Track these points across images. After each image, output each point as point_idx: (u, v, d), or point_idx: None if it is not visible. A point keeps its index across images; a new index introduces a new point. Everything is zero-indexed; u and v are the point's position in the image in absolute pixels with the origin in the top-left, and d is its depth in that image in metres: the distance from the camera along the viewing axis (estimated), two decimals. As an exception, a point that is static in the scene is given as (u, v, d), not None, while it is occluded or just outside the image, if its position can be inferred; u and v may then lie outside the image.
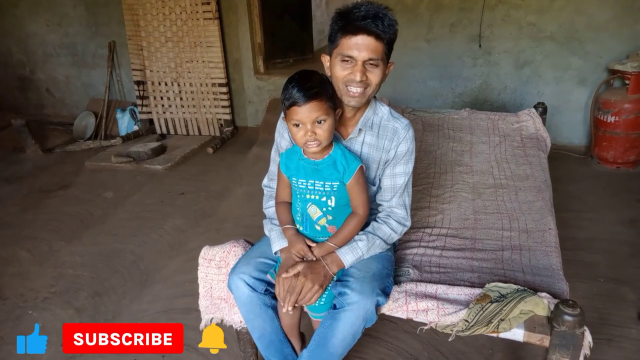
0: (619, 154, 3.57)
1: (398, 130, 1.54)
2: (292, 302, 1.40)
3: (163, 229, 3.11)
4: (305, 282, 1.40)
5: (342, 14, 1.41)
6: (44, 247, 2.95)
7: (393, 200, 1.57)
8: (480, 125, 2.89)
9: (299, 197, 1.51)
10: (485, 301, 1.38)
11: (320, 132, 1.38)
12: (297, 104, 1.35)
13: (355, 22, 1.37)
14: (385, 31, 1.38)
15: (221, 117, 4.76)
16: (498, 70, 4.07)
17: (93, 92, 5.32)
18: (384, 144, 1.55)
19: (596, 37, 3.72)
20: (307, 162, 1.47)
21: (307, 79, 1.37)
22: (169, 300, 2.42)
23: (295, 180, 1.50)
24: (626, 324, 2.11)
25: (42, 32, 5.24)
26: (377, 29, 1.36)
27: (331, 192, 1.46)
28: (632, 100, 3.42)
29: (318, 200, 1.48)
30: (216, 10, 4.40)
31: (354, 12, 1.38)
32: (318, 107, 1.35)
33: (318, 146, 1.40)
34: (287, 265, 1.47)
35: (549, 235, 1.86)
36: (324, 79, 1.43)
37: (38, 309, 2.40)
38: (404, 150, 1.55)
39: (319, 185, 1.46)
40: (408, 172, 1.57)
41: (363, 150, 1.56)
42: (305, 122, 1.36)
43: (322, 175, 1.45)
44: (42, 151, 4.53)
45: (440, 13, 4.03)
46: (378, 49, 1.39)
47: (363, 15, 1.36)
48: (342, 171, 1.43)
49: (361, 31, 1.37)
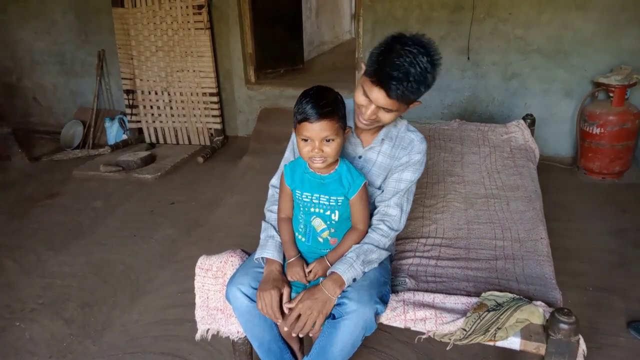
0: (605, 165, 3.65)
1: (414, 141, 1.61)
2: (297, 332, 1.42)
3: (153, 239, 3.08)
4: (304, 309, 1.41)
5: (384, 53, 1.38)
6: (32, 256, 2.90)
7: (391, 200, 1.58)
8: (471, 136, 2.94)
9: (302, 210, 1.52)
10: (482, 310, 1.39)
11: (327, 150, 1.38)
12: (308, 120, 1.35)
13: (380, 76, 1.36)
14: (405, 96, 1.38)
15: (211, 127, 4.74)
16: (486, 83, 4.14)
17: (81, 100, 5.27)
18: (398, 153, 1.60)
19: (582, 51, 3.81)
20: (313, 176, 1.47)
21: (322, 96, 1.37)
22: (160, 311, 2.39)
23: (299, 193, 1.50)
24: (615, 332, 2.15)
25: (30, 39, 5.19)
26: (394, 94, 1.37)
27: (335, 207, 1.47)
28: (616, 113, 3.51)
29: (322, 214, 1.49)
30: (207, 21, 4.41)
31: (387, 65, 1.35)
32: (329, 126, 1.36)
33: (323, 162, 1.41)
34: (268, 280, 1.48)
35: (541, 244, 1.89)
36: (338, 98, 1.42)
37: (25, 320, 2.35)
38: (416, 159, 1.59)
39: (324, 200, 1.47)
40: (413, 180, 1.60)
41: (379, 159, 1.60)
42: (315, 139, 1.37)
43: (327, 190, 1.46)
44: (28, 160, 4.46)
45: (429, 26, 4.10)
46: (394, 104, 1.41)
47: (391, 75, 1.35)
48: (347, 187, 1.45)
49: (381, 87, 1.38)
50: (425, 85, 1.39)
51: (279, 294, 1.45)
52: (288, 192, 1.54)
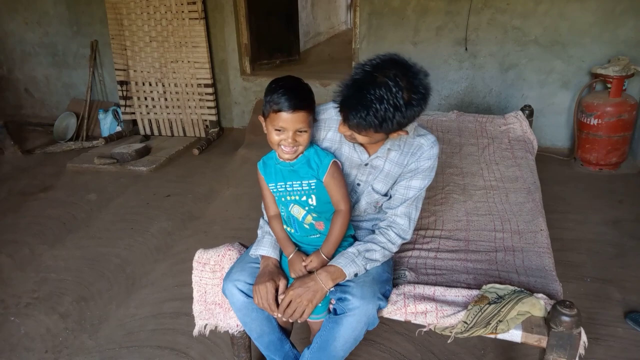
0: (602, 156, 3.64)
1: (423, 147, 1.50)
2: (287, 318, 1.41)
3: (149, 232, 3.05)
4: (294, 296, 1.40)
5: (353, 82, 1.30)
6: (26, 251, 2.87)
7: (399, 209, 1.53)
8: (469, 127, 2.92)
9: (281, 202, 1.52)
10: (484, 302, 1.38)
11: (300, 140, 1.39)
12: (284, 111, 1.34)
13: (343, 109, 1.31)
14: (370, 126, 1.29)
15: (207, 118, 4.70)
16: (483, 74, 4.12)
17: (74, 92, 5.20)
18: (406, 160, 1.52)
19: (579, 41, 3.79)
20: (283, 165, 1.48)
21: (297, 87, 1.38)
22: (157, 305, 2.37)
23: (274, 185, 1.50)
24: (613, 323, 2.15)
25: (20, 30, 5.10)
26: (356, 128, 1.32)
27: (310, 191, 1.46)
28: (614, 104, 3.50)
29: (299, 200, 1.48)
30: (202, 10, 4.35)
31: (351, 99, 1.28)
32: (303, 118, 1.36)
33: (295, 153, 1.41)
34: (263, 273, 1.48)
35: (541, 236, 1.88)
36: (311, 90, 1.42)
37: (20, 315, 2.32)
38: (425, 166, 1.51)
39: (297, 185, 1.46)
40: (423, 187, 1.53)
41: (386, 166, 1.53)
42: (289, 129, 1.37)
43: (298, 175, 1.46)
44: (21, 152, 4.41)
45: (426, 16, 4.07)
46: (368, 132, 1.33)
47: (355, 109, 1.28)
48: (316, 168, 1.44)
49: (345, 121, 1.34)
50: (393, 121, 1.27)
51: (274, 287, 1.44)
52: (269, 189, 1.54)
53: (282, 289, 1.46)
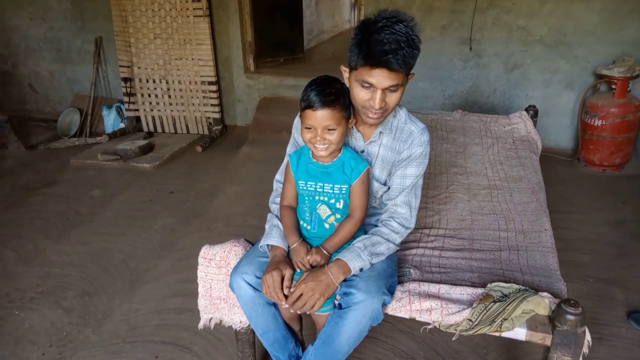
0: (605, 157, 3.64)
1: (413, 133, 1.56)
2: (296, 309, 1.41)
3: (153, 228, 3.06)
4: (306, 289, 1.40)
5: (363, 40, 1.34)
6: (30, 245, 2.88)
7: (398, 199, 1.57)
8: (473, 127, 2.92)
9: (307, 199, 1.52)
10: (488, 301, 1.38)
11: (331, 139, 1.41)
12: (311, 107, 1.37)
13: (375, 57, 1.32)
14: (407, 63, 1.34)
15: (210, 116, 4.70)
16: (488, 73, 4.12)
17: (78, 88, 5.21)
18: (398, 145, 1.57)
19: (584, 42, 3.79)
20: (317, 166, 1.49)
21: (327, 85, 1.40)
22: (160, 300, 2.38)
23: (303, 183, 1.51)
24: (616, 323, 2.16)
25: (25, 25, 5.11)
26: (397, 65, 1.32)
27: (340, 195, 1.48)
28: (618, 105, 3.49)
29: (327, 202, 1.49)
30: (207, 8, 4.35)
31: (375, 45, 1.31)
32: (331, 115, 1.38)
33: (327, 150, 1.42)
34: (271, 263, 1.48)
35: (545, 236, 1.88)
36: (344, 88, 1.44)
37: (25, 309, 2.33)
38: (417, 153, 1.55)
39: (328, 188, 1.48)
40: (418, 174, 1.57)
41: (380, 152, 1.58)
42: (317, 127, 1.39)
43: (331, 179, 1.47)
44: (25, 148, 4.42)
45: (431, 15, 4.06)
46: (398, 78, 1.37)
47: (385, 50, 1.30)
48: (349, 173, 1.46)
49: (381, 66, 1.33)
50: (417, 47, 1.37)
51: (280, 275, 1.44)
52: (293, 181, 1.54)
53: (288, 278, 1.46)
